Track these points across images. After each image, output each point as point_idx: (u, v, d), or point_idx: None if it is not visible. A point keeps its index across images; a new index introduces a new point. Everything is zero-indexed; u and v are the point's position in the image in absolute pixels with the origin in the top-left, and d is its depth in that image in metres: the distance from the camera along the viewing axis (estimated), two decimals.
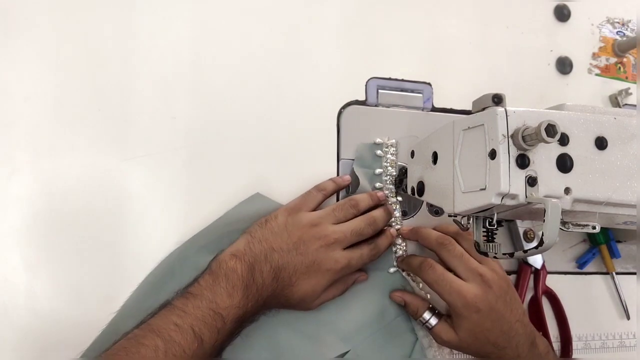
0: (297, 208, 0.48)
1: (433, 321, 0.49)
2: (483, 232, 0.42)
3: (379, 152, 0.54)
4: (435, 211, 0.55)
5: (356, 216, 0.49)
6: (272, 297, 0.44)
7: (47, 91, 0.47)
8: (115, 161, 0.48)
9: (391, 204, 0.53)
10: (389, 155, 0.54)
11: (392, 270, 0.53)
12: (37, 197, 0.46)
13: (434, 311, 0.50)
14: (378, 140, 0.54)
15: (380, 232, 0.51)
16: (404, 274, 0.53)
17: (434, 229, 0.51)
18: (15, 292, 0.44)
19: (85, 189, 0.47)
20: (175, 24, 0.51)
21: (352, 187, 0.53)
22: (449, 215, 0.43)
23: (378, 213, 0.50)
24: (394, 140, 0.54)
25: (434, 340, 0.50)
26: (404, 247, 0.53)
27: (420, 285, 0.52)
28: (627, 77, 0.66)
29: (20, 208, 0.45)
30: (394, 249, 0.53)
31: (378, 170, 0.53)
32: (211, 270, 0.43)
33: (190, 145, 0.50)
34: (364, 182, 0.52)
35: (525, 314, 0.48)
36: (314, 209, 0.49)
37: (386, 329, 0.51)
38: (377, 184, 0.53)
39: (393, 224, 0.53)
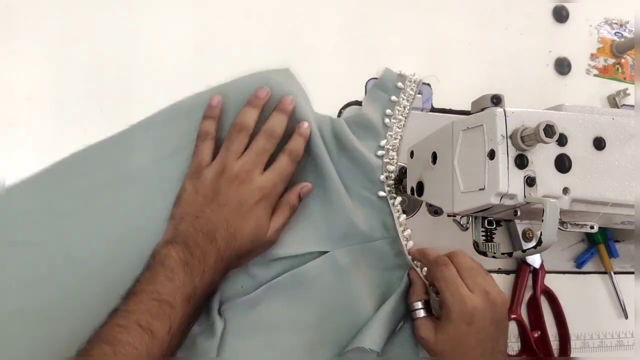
0: (197, 169, 0.46)
1: (420, 313, 0.48)
2: (482, 231, 0.42)
3: (399, 84, 0.54)
4: (435, 211, 0.55)
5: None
6: (223, 258, 0.43)
7: (48, 91, 0.47)
8: None
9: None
10: (408, 90, 0.54)
11: (381, 194, 0.52)
12: None
13: (427, 305, 0.49)
14: (403, 72, 0.54)
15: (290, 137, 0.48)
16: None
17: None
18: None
19: None
20: (177, 25, 0.51)
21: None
22: (448, 215, 0.43)
23: (271, 121, 0.47)
24: (418, 77, 0.54)
25: None
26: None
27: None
28: (625, 78, 0.66)
29: None
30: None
31: (393, 98, 0.54)
32: (148, 265, 0.42)
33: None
34: (373, 105, 0.53)
35: (506, 351, 0.46)
36: (211, 159, 0.47)
37: (370, 247, 0.51)
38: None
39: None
